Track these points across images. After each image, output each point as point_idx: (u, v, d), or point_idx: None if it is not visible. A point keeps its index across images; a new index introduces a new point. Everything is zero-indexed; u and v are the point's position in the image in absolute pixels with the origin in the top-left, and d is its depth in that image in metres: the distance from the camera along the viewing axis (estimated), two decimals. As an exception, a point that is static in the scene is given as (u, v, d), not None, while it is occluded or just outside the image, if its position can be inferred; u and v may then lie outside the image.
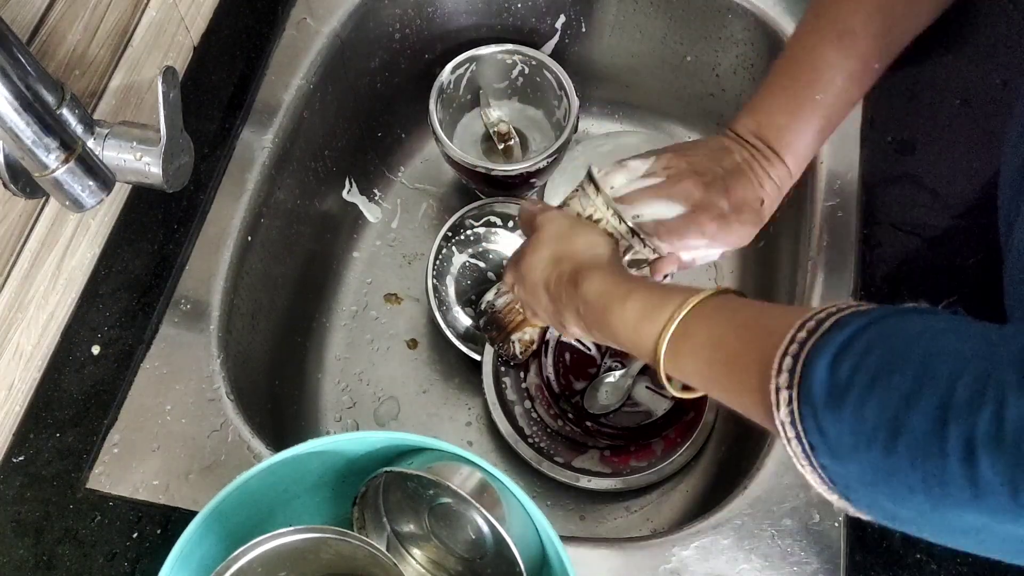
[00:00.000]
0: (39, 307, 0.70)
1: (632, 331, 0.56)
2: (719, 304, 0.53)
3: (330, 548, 0.56)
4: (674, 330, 0.53)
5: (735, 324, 0.51)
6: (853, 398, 0.40)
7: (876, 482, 0.40)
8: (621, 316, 0.57)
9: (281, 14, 0.89)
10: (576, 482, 0.81)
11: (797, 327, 0.44)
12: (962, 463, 0.36)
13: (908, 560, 0.62)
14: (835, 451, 0.41)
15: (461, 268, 0.94)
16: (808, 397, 0.42)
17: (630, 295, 0.57)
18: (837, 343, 0.41)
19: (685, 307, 0.52)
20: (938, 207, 0.76)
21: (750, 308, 0.52)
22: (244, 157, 0.81)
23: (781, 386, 0.43)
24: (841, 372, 0.40)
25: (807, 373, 0.42)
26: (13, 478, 0.68)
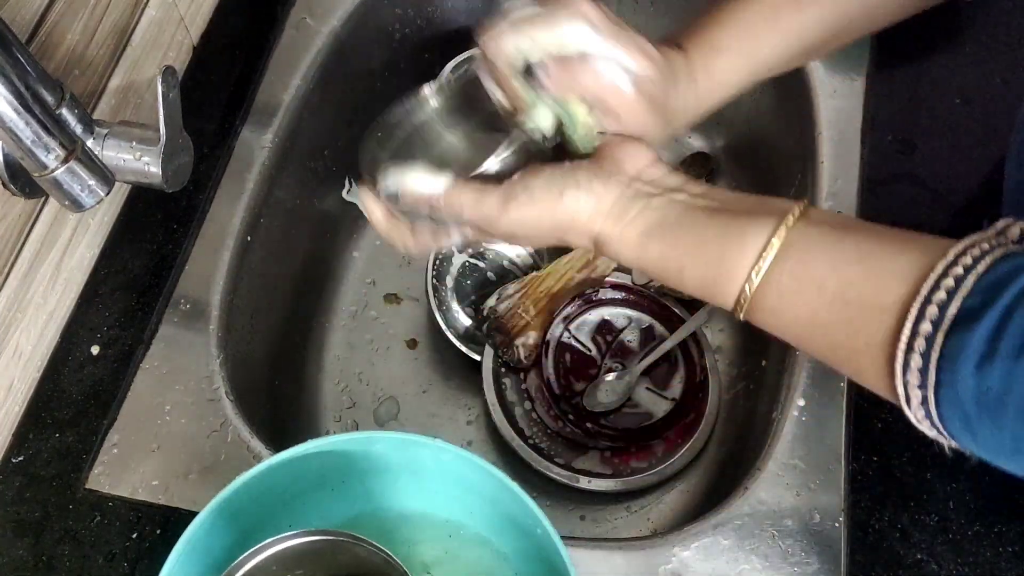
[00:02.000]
0: (38, 307, 0.70)
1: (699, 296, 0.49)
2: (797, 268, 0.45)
3: (345, 550, 0.56)
4: (749, 305, 0.46)
5: (828, 299, 0.43)
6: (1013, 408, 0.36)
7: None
8: (680, 286, 0.50)
9: (281, 14, 0.89)
10: (576, 483, 0.81)
11: (916, 315, 0.39)
12: None
13: (908, 560, 0.62)
14: (990, 451, 0.39)
15: (461, 268, 0.94)
16: (953, 402, 0.38)
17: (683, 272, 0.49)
18: (978, 346, 0.37)
19: (754, 281, 0.45)
20: (938, 207, 0.76)
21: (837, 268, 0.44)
22: (244, 157, 0.81)
23: (911, 384, 0.39)
24: (992, 380, 0.37)
25: (946, 380, 0.38)
26: (13, 478, 0.68)
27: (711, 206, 0.50)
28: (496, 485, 0.57)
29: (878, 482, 0.65)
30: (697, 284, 0.49)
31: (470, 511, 0.65)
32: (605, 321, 0.90)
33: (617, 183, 0.51)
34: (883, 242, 0.44)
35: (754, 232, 0.46)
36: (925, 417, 0.40)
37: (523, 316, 0.86)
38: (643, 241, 0.50)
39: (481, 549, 0.65)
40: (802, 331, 0.45)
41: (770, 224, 0.46)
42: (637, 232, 0.50)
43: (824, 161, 0.78)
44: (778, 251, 0.45)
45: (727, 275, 0.47)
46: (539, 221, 0.52)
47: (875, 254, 0.43)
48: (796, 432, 0.67)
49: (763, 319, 0.47)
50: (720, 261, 0.47)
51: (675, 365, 0.88)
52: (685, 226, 0.49)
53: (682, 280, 0.49)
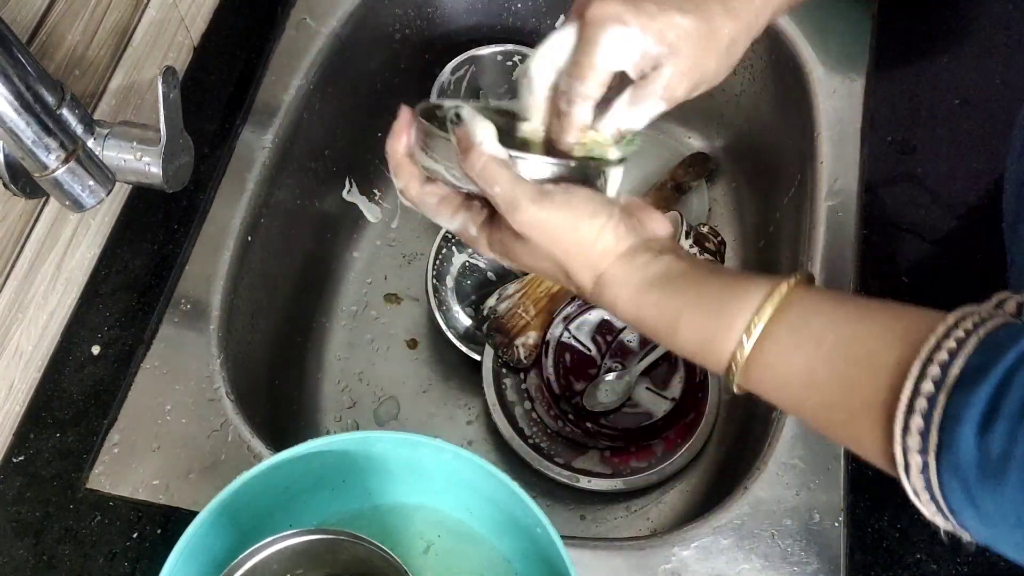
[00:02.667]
0: (39, 307, 0.70)
1: (692, 357, 0.49)
2: (796, 322, 0.44)
3: (346, 550, 0.56)
4: (745, 363, 0.45)
5: (826, 355, 0.43)
6: (1015, 473, 0.35)
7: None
8: (674, 343, 0.49)
9: (281, 14, 0.89)
10: (576, 482, 0.81)
11: (918, 374, 0.38)
12: None
13: (908, 560, 0.62)
14: (992, 523, 0.37)
15: (461, 268, 0.94)
16: (954, 469, 0.37)
17: (679, 320, 0.48)
18: (980, 403, 0.36)
19: (753, 332, 0.44)
20: (938, 207, 0.76)
21: (837, 326, 0.43)
22: (244, 157, 0.81)
23: (911, 448, 0.38)
24: (994, 442, 0.35)
25: (948, 443, 0.36)
26: (13, 478, 0.68)
27: (715, 268, 0.50)
28: (496, 485, 0.57)
29: (878, 482, 0.65)
30: (692, 337, 0.48)
31: (470, 511, 0.65)
32: (605, 321, 0.90)
33: (638, 235, 0.52)
34: (882, 307, 0.43)
35: (756, 288, 0.46)
36: (925, 488, 0.39)
37: (523, 316, 0.86)
38: (644, 288, 0.50)
39: (481, 549, 0.65)
40: (798, 390, 0.44)
41: (771, 283, 0.46)
42: (640, 278, 0.50)
43: (824, 161, 0.78)
44: (778, 306, 0.45)
45: (725, 327, 0.46)
46: (560, 230, 0.50)
47: (874, 316, 0.43)
48: (796, 432, 0.67)
49: (759, 376, 0.46)
50: (719, 313, 0.46)
51: (675, 365, 0.88)
52: (687, 279, 0.49)
53: (676, 332, 0.48)
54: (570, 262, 0.51)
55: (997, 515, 0.37)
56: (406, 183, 0.55)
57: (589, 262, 0.51)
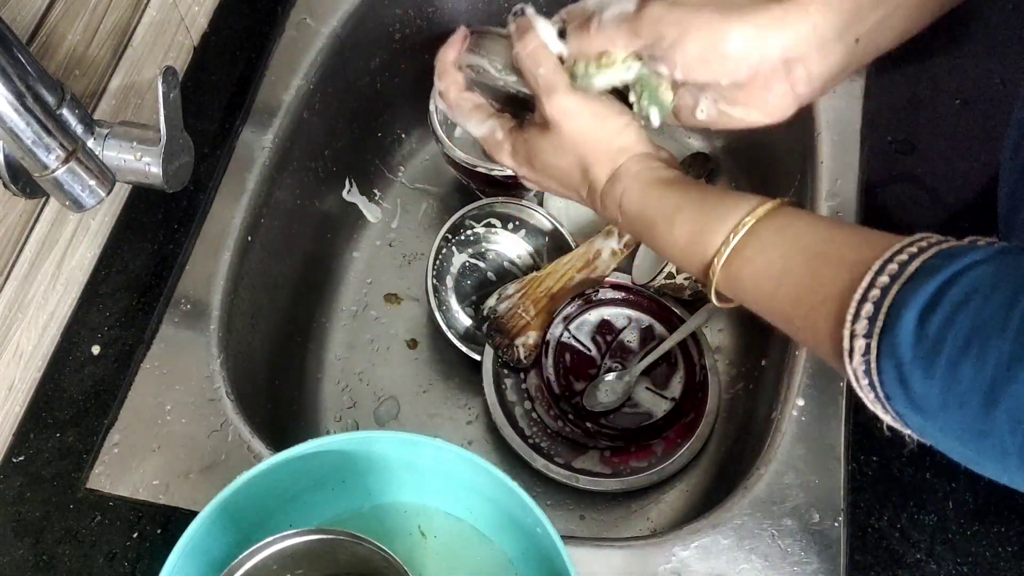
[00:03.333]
0: (39, 307, 0.70)
1: (681, 252, 0.52)
2: (782, 224, 0.48)
3: (346, 550, 0.56)
4: (730, 253, 0.49)
5: (802, 250, 0.46)
6: (945, 357, 0.37)
7: (963, 439, 0.38)
8: (668, 236, 0.52)
9: (281, 14, 0.89)
10: (576, 482, 0.81)
11: (878, 268, 0.41)
12: None
13: (908, 560, 0.62)
14: (919, 406, 0.39)
15: (461, 268, 0.94)
16: (892, 351, 0.39)
17: (677, 213, 0.52)
18: (926, 293, 0.38)
19: (742, 229, 0.48)
20: (938, 207, 0.76)
21: (818, 230, 0.47)
22: (244, 157, 0.81)
23: (858, 333, 0.40)
24: (931, 326, 0.38)
25: (891, 325, 0.39)
26: (13, 478, 0.68)
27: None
28: (496, 485, 0.57)
29: (878, 482, 0.65)
30: (686, 229, 0.52)
31: (470, 511, 0.65)
32: (605, 321, 0.90)
33: (655, 149, 0.57)
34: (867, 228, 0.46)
35: (752, 198, 0.50)
36: (865, 373, 0.41)
37: (523, 316, 0.86)
38: (652, 184, 0.54)
39: (481, 548, 0.65)
40: (770, 284, 0.47)
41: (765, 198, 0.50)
42: (651, 176, 0.55)
43: (824, 161, 0.78)
44: (769, 210, 0.49)
45: (718, 221, 0.50)
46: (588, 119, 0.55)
47: (859, 228, 0.46)
48: (796, 432, 0.67)
49: (738, 269, 0.49)
50: (714, 211, 0.50)
51: (675, 365, 0.88)
52: (691, 185, 0.54)
53: (672, 224, 0.52)
54: (591, 152, 0.56)
55: (925, 397, 0.39)
56: (447, 86, 0.60)
57: (610, 154, 0.56)
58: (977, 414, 0.37)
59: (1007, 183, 0.58)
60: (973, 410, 0.37)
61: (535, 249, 0.95)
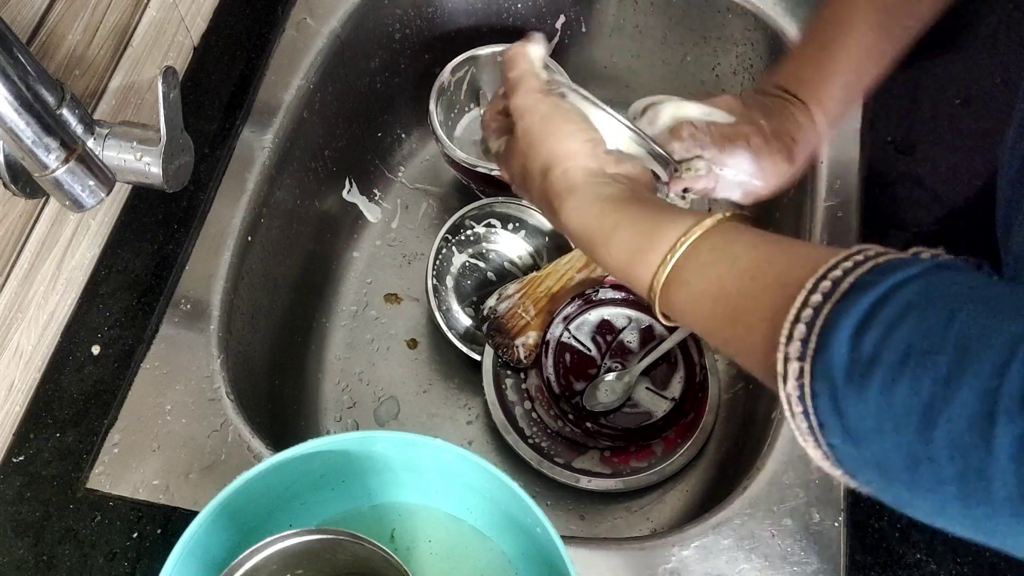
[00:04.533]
0: (39, 307, 0.70)
1: (621, 271, 0.51)
2: (719, 243, 0.47)
3: (346, 550, 0.56)
4: (668, 275, 0.47)
5: (737, 271, 0.45)
6: (879, 376, 0.35)
7: (896, 469, 0.36)
8: (607, 255, 0.52)
9: (281, 14, 0.89)
10: (576, 482, 0.81)
11: (810, 287, 0.39)
12: (1013, 461, 0.32)
13: (908, 560, 0.62)
14: (852, 433, 0.37)
15: (461, 268, 0.94)
16: (825, 373, 0.37)
17: (615, 231, 0.51)
18: (860, 311, 0.37)
19: (678, 250, 0.47)
20: (938, 207, 0.76)
21: (755, 249, 0.46)
22: (244, 157, 0.81)
23: (791, 356, 0.39)
24: (865, 345, 0.36)
25: (824, 345, 0.37)
26: (13, 478, 0.68)
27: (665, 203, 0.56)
28: (496, 485, 0.57)
29: (878, 482, 0.65)
30: (623, 248, 0.50)
31: (470, 511, 0.65)
32: (605, 321, 0.90)
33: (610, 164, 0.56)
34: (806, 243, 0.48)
35: (692, 216, 0.49)
36: (799, 399, 0.39)
37: (523, 316, 0.86)
38: (590, 201, 0.53)
39: (481, 548, 0.65)
40: (707, 305, 0.46)
41: (707, 214, 0.49)
42: (592, 192, 0.54)
43: (824, 161, 0.78)
44: (707, 229, 0.48)
45: (655, 242, 0.49)
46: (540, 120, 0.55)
47: (794, 246, 0.45)
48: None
49: (676, 293, 0.48)
50: (651, 231, 0.49)
51: (675, 365, 0.88)
52: (632, 202, 0.53)
53: (609, 244, 0.51)
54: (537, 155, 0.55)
55: (858, 423, 0.37)
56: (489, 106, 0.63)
57: (552, 159, 0.55)
58: (914, 439, 0.35)
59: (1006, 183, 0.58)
60: (909, 434, 0.35)
61: (535, 249, 0.95)
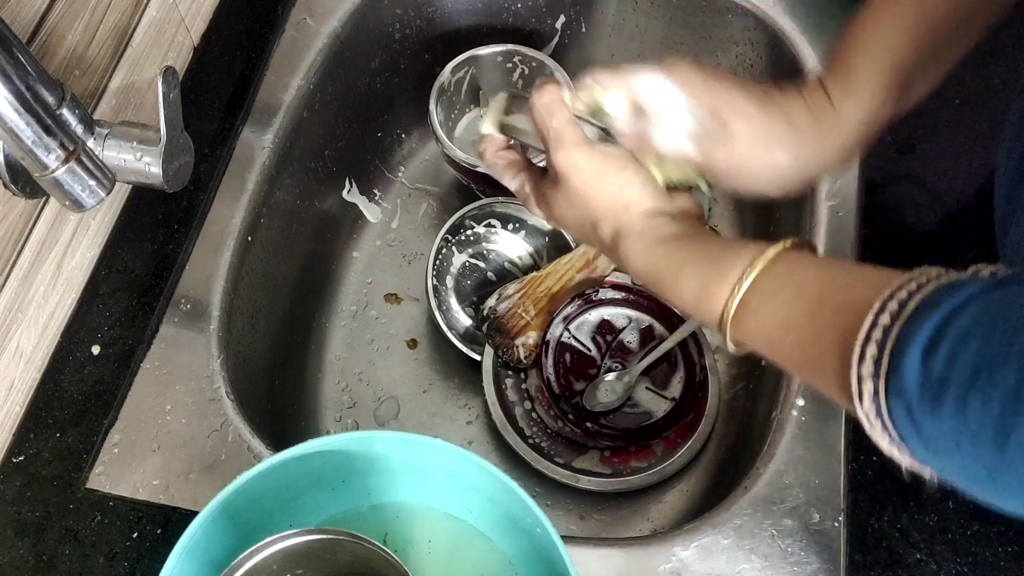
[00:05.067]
0: (39, 307, 0.70)
1: (691, 308, 0.53)
2: (784, 272, 0.48)
3: (346, 550, 0.56)
4: (736, 308, 0.49)
5: (805, 299, 0.46)
6: (952, 394, 0.37)
7: (978, 478, 0.38)
8: (676, 292, 0.53)
9: (281, 14, 0.89)
10: (576, 482, 0.81)
11: (878, 308, 0.40)
12: None
13: (908, 560, 0.62)
14: (931, 447, 0.39)
15: (461, 268, 0.94)
16: (899, 391, 0.39)
17: (682, 269, 0.52)
18: (928, 329, 0.38)
19: (745, 282, 0.48)
20: (938, 207, 0.76)
21: (819, 277, 0.47)
22: (244, 157, 0.81)
23: (864, 376, 0.40)
24: (936, 364, 0.37)
25: (896, 364, 0.39)
26: (13, 478, 0.68)
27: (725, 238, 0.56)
28: (496, 485, 0.57)
29: (878, 482, 0.65)
30: (691, 285, 0.52)
31: (470, 511, 0.65)
32: (605, 321, 0.90)
33: (663, 203, 0.57)
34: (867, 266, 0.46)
35: (755, 247, 0.50)
36: (876, 415, 0.40)
37: (523, 316, 0.86)
38: (656, 243, 0.54)
39: (481, 548, 0.65)
40: (778, 333, 0.47)
41: (769, 245, 0.50)
42: (654, 235, 0.55)
43: (824, 161, 0.78)
44: (770, 260, 0.49)
45: (721, 276, 0.50)
46: (591, 174, 0.56)
47: (855, 269, 0.47)
48: (796, 432, 0.67)
49: (746, 323, 0.49)
50: (717, 265, 0.51)
51: (675, 365, 0.88)
52: (696, 239, 0.54)
53: (678, 281, 0.53)
54: (595, 208, 0.56)
55: (936, 438, 0.38)
56: (485, 147, 0.63)
57: (614, 210, 0.56)
58: (990, 449, 0.36)
59: (1004, 183, 0.58)
60: (986, 448, 0.36)
61: (535, 249, 0.95)
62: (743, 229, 0.96)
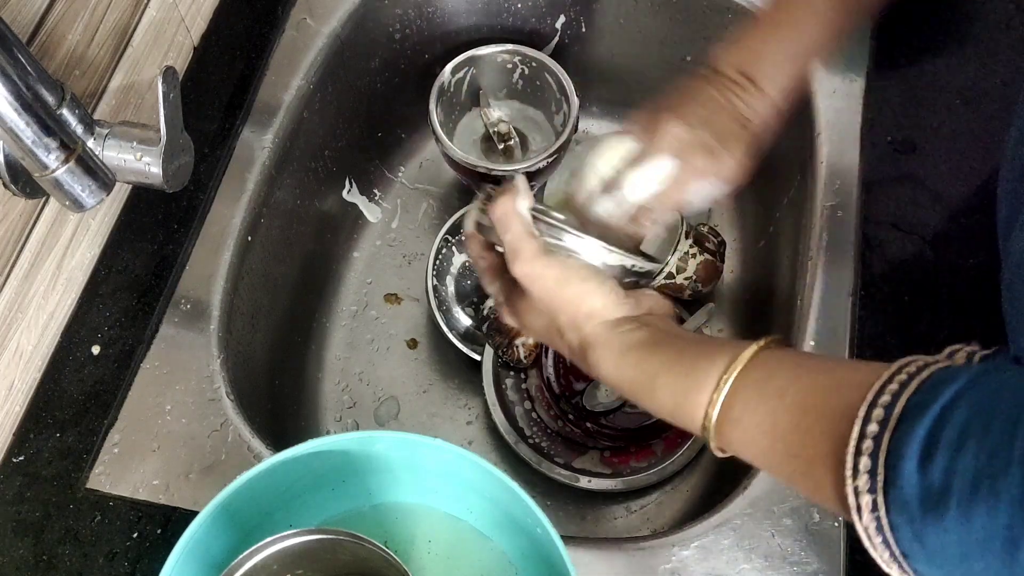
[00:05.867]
0: (39, 307, 0.70)
1: (669, 415, 0.51)
2: (761, 377, 0.47)
3: (346, 550, 0.56)
4: (717, 417, 0.48)
5: (786, 405, 0.45)
6: (955, 505, 0.35)
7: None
8: (652, 403, 0.52)
9: (281, 14, 0.89)
10: (576, 482, 0.81)
11: (864, 416, 0.39)
12: None
13: (908, 560, 0.62)
14: (937, 560, 0.37)
15: (461, 268, 0.94)
16: (900, 506, 0.37)
17: (655, 381, 0.51)
18: (921, 436, 0.37)
19: (722, 389, 0.47)
20: (938, 207, 0.76)
21: (800, 380, 0.46)
22: (244, 157, 0.81)
23: (861, 490, 0.39)
24: (934, 473, 0.36)
25: (892, 477, 0.37)
26: (13, 478, 0.68)
27: (696, 336, 0.56)
28: (496, 485, 0.57)
29: (878, 482, 0.65)
30: (668, 397, 0.51)
31: (470, 510, 0.65)
32: (605, 321, 0.90)
33: (629, 309, 0.56)
34: (844, 362, 0.46)
35: (728, 350, 0.49)
36: (877, 530, 0.39)
37: (523, 316, 0.86)
38: (624, 351, 0.54)
39: (481, 548, 0.65)
40: (764, 443, 0.46)
41: (741, 346, 0.49)
42: (620, 343, 0.54)
43: (824, 161, 0.78)
44: (745, 364, 0.47)
45: (697, 386, 0.49)
46: (552, 285, 0.55)
47: (833, 369, 0.45)
48: (796, 432, 0.67)
49: (730, 432, 0.48)
50: (692, 374, 0.50)
51: (675, 365, 0.88)
52: (665, 345, 0.53)
53: (653, 393, 0.52)
54: (559, 318, 0.56)
55: (941, 551, 0.37)
56: (471, 244, 0.62)
57: (575, 321, 0.56)
58: (999, 562, 0.35)
59: (1006, 184, 0.58)
60: (995, 558, 0.35)
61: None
62: (743, 228, 0.96)
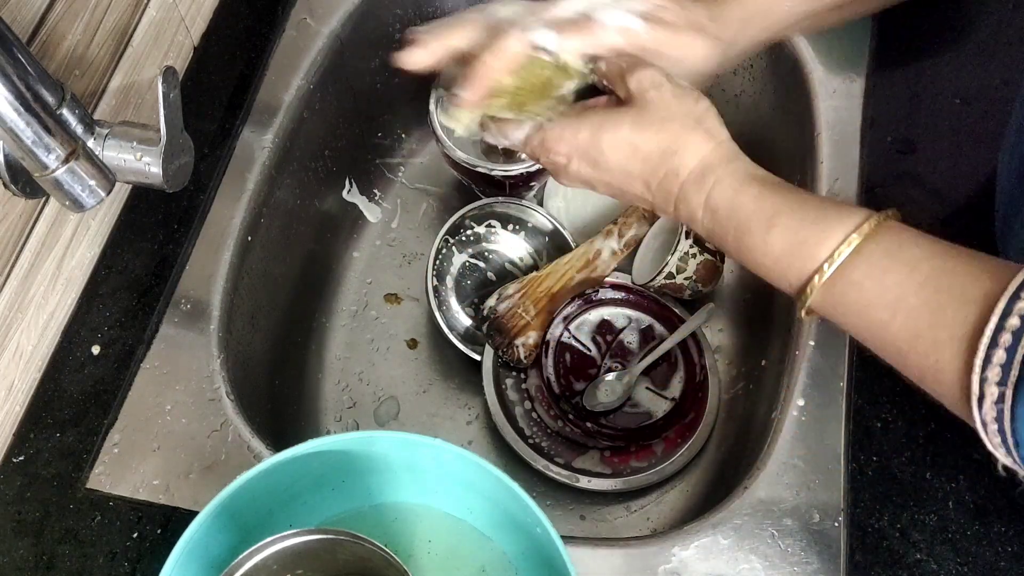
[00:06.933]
0: (39, 307, 0.70)
1: (774, 262, 0.47)
2: (892, 246, 0.44)
3: (346, 550, 0.56)
4: (833, 274, 0.44)
5: (917, 282, 0.42)
6: None
7: None
8: (763, 243, 0.48)
9: (281, 14, 0.89)
10: (576, 482, 0.81)
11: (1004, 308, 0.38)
12: None
13: (908, 560, 0.62)
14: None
15: (461, 268, 0.94)
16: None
17: (776, 218, 0.47)
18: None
19: (848, 246, 0.44)
20: (938, 207, 0.76)
21: (933, 257, 0.43)
22: (244, 157, 0.81)
23: (990, 380, 0.38)
24: None
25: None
26: (13, 478, 0.68)
27: None
28: (496, 484, 0.57)
29: (878, 482, 0.65)
30: (785, 238, 0.47)
31: (470, 510, 0.65)
32: (605, 321, 0.90)
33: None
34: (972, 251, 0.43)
35: (857, 211, 0.46)
36: (995, 419, 0.38)
37: (523, 316, 0.86)
38: (748, 179, 0.49)
39: (481, 548, 0.65)
40: (883, 314, 0.43)
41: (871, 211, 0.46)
42: (746, 170, 0.49)
43: (824, 161, 0.78)
44: (875, 226, 0.44)
45: (822, 235, 0.45)
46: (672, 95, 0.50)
47: (966, 255, 0.43)
48: (796, 432, 0.67)
49: (842, 293, 0.45)
50: (817, 221, 0.46)
51: (675, 365, 0.88)
52: (789, 187, 0.49)
53: (769, 230, 0.47)
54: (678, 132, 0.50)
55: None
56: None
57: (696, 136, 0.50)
58: None
59: (1005, 183, 0.58)
60: None
61: (535, 249, 0.95)
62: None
